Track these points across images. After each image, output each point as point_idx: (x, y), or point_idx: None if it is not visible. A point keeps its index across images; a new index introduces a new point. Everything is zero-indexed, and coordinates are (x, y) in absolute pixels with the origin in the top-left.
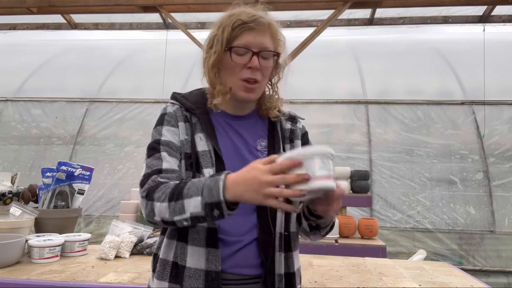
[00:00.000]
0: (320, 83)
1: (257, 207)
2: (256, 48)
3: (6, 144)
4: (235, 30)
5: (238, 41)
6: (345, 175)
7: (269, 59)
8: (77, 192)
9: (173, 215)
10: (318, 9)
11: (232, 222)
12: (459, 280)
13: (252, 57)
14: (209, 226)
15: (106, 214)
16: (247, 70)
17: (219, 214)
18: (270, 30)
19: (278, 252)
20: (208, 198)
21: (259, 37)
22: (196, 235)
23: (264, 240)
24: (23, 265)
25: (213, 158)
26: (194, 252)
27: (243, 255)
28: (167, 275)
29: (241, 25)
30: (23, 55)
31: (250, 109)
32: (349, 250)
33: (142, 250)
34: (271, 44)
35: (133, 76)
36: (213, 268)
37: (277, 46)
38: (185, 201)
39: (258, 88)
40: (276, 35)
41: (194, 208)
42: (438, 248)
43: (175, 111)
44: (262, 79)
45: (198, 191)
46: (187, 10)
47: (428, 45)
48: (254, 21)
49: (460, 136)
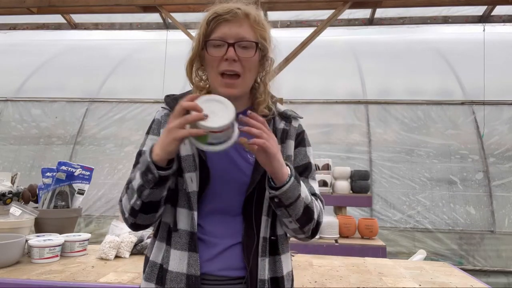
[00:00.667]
0: (320, 83)
1: (243, 211)
2: (232, 39)
3: (6, 144)
4: (210, 24)
5: (214, 34)
6: (345, 175)
7: (249, 50)
8: (77, 192)
9: (130, 201)
10: (318, 9)
11: (217, 225)
12: (459, 280)
13: (228, 49)
14: (191, 230)
15: (106, 214)
16: (225, 63)
17: (152, 176)
18: (249, 20)
19: (261, 257)
20: (141, 167)
21: (235, 28)
22: (178, 238)
23: (248, 244)
24: (23, 265)
25: (196, 162)
26: (176, 256)
27: (227, 257)
28: (154, 277)
29: (216, 17)
30: (23, 55)
31: (241, 107)
32: (349, 250)
33: (142, 250)
34: (250, 34)
35: (133, 76)
36: (192, 273)
37: (259, 36)
38: (133, 183)
39: (239, 83)
40: (257, 25)
41: (137, 182)
42: (438, 248)
43: (162, 117)
44: (243, 71)
45: (138, 169)
46: (187, 10)
47: (428, 45)
48: (229, 13)
49: (460, 136)
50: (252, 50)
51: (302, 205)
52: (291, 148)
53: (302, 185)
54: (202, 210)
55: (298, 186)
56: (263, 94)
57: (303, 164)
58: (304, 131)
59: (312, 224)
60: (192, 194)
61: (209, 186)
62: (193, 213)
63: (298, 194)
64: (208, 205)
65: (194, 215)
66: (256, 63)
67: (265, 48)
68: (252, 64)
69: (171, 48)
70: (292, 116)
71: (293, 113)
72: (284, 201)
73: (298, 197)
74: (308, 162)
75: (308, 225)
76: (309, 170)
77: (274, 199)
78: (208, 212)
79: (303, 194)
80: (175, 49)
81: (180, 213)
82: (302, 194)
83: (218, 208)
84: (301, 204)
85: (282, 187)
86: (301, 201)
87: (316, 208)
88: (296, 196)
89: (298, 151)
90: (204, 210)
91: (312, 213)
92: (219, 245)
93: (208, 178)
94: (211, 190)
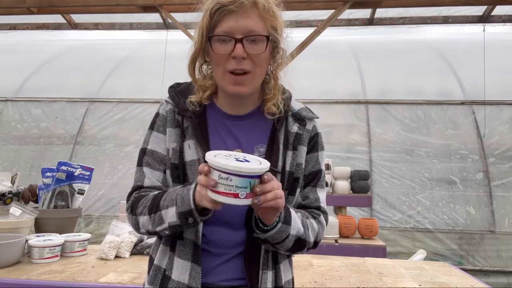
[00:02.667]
0: (320, 83)
1: (246, 222)
2: (239, 33)
3: (6, 144)
4: (214, 15)
5: (218, 28)
6: (345, 175)
7: (259, 44)
8: (77, 192)
9: (154, 226)
10: (318, 9)
11: (220, 235)
12: (459, 280)
13: (236, 45)
14: (195, 241)
15: (106, 214)
16: (233, 61)
17: (193, 221)
18: (257, 9)
19: (264, 270)
20: (181, 207)
21: (243, 20)
22: (182, 247)
23: (250, 255)
24: (23, 265)
25: None
26: (179, 265)
27: (228, 268)
28: (157, 282)
29: (220, 8)
30: (23, 55)
31: (250, 106)
32: (349, 250)
33: (142, 250)
34: (260, 26)
35: (133, 76)
36: (193, 285)
37: (269, 27)
38: (163, 212)
39: (250, 80)
40: (267, 14)
41: (171, 218)
42: (438, 248)
43: (167, 113)
44: (253, 68)
45: (172, 202)
46: (187, 10)
47: (428, 45)
48: (234, 2)
49: (460, 136)
50: (262, 45)
51: (292, 240)
52: (302, 155)
53: (294, 219)
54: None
55: (287, 228)
56: (273, 90)
57: (313, 171)
58: (318, 134)
59: (305, 249)
60: None
61: None
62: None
63: (287, 235)
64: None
65: (199, 225)
66: (267, 57)
67: (276, 40)
68: (263, 59)
69: (171, 48)
70: (306, 117)
71: (308, 114)
72: (270, 241)
73: (287, 237)
74: (318, 170)
75: (300, 251)
76: (319, 177)
77: (259, 237)
78: (211, 222)
79: (293, 231)
80: (175, 49)
81: None
82: (292, 232)
83: (221, 218)
84: (291, 240)
85: (267, 232)
86: (291, 238)
87: (313, 232)
88: (284, 237)
89: (310, 157)
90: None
91: (304, 243)
92: (221, 256)
93: None
94: None
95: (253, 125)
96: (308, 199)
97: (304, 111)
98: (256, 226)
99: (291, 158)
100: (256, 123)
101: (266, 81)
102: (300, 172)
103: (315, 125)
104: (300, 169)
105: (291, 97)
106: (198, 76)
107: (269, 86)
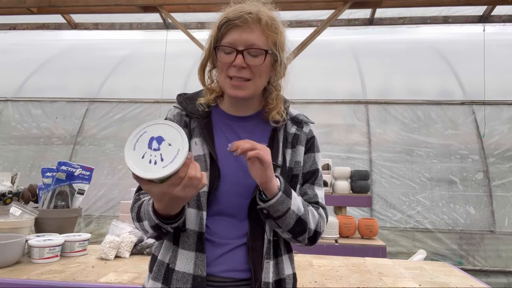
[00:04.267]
0: (320, 83)
1: (249, 213)
2: (241, 46)
3: (6, 144)
4: (221, 28)
5: (224, 39)
6: (345, 175)
7: (258, 57)
8: (77, 192)
9: (145, 233)
10: (318, 9)
11: (223, 226)
12: (459, 280)
13: (237, 56)
14: (199, 230)
15: (106, 214)
16: (233, 68)
17: (166, 231)
18: (260, 25)
19: (266, 260)
20: (150, 221)
21: (246, 34)
22: (186, 238)
23: (253, 246)
24: (23, 265)
25: (207, 162)
26: (183, 256)
27: (232, 258)
28: (161, 277)
29: (227, 22)
30: (23, 55)
31: (252, 109)
32: (349, 250)
33: (142, 250)
34: (261, 41)
35: (133, 76)
36: (199, 273)
37: (270, 42)
38: (144, 224)
39: (248, 86)
40: (269, 30)
41: (150, 230)
42: (438, 248)
43: (174, 117)
44: (252, 76)
45: (145, 215)
46: (187, 10)
47: (428, 45)
48: (240, 18)
49: (460, 136)
50: (261, 57)
51: (293, 218)
52: (300, 154)
53: (294, 197)
54: (210, 211)
55: (288, 200)
56: (276, 100)
57: (311, 170)
58: (314, 137)
59: (306, 234)
60: (203, 194)
61: (219, 186)
62: (202, 213)
63: (288, 208)
64: (216, 206)
65: (203, 215)
66: (267, 68)
67: (276, 54)
68: (262, 70)
69: (171, 48)
70: (303, 121)
71: (305, 118)
72: (273, 214)
73: (288, 210)
74: (316, 169)
75: (302, 236)
76: (316, 176)
77: (263, 210)
78: (215, 213)
79: (293, 207)
80: (175, 49)
81: (189, 213)
82: (293, 207)
83: (225, 209)
84: (292, 217)
85: (269, 201)
86: (292, 214)
87: (313, 218)
88: (285, 210)
89: (308, 157)
90: (211, 211)
91: (305, 224)
92: (224, 246)
93: (217, 178)
94: (219, 191)
95: (255, 126)
96: (307, 195)
97: (301, 115)
98: (259, 199)
99: (290, 155)
100: (257, 125)
101: (269, 91)
102: (299, 169)
103: (311, 129)
104: (298, 166)
105: (289, 106)
106: (207, 80)
107: (271, 96)
